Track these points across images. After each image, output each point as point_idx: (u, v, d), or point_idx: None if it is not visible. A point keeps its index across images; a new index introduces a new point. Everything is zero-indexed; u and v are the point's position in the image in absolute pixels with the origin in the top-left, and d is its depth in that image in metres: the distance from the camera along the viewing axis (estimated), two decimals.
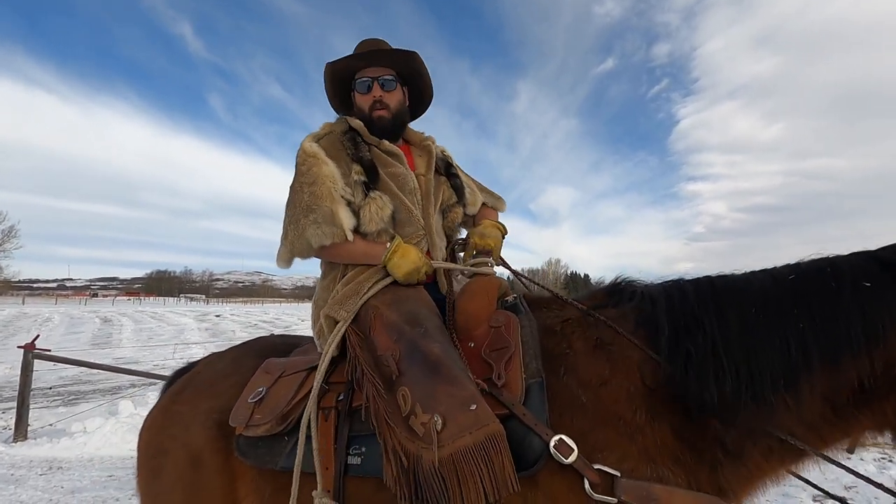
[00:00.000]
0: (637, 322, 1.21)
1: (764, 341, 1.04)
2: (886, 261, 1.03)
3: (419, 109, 1.86)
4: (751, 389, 1.02)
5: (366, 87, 1.64)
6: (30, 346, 6.04)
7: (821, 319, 1.01)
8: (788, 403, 1.01)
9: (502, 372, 1.17)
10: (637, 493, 0.99)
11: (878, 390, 0.99)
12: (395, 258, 1.43)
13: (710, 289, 1.17)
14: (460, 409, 1.03)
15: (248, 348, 1.69)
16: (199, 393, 1.50)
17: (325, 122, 1.68)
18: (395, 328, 1.29)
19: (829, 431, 1.04)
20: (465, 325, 1.35)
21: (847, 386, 1.00)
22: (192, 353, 13.07)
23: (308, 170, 1.48)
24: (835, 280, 1.04)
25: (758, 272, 1.17)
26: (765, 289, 1.10)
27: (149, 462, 1.46)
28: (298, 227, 1.44)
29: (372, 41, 1.68)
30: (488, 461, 0.96)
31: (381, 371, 1.23)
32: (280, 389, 1.37)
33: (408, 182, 1.59)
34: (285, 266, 1.51)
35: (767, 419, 1.02)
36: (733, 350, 1.05)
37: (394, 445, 1.09)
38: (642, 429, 1.07)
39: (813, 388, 1.01)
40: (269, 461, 1.30)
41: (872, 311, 0.98)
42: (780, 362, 1.01)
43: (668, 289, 1.25)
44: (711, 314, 1.10)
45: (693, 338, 1.09)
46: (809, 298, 1.04)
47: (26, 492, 4.07)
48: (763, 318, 1.06)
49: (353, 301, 1.41)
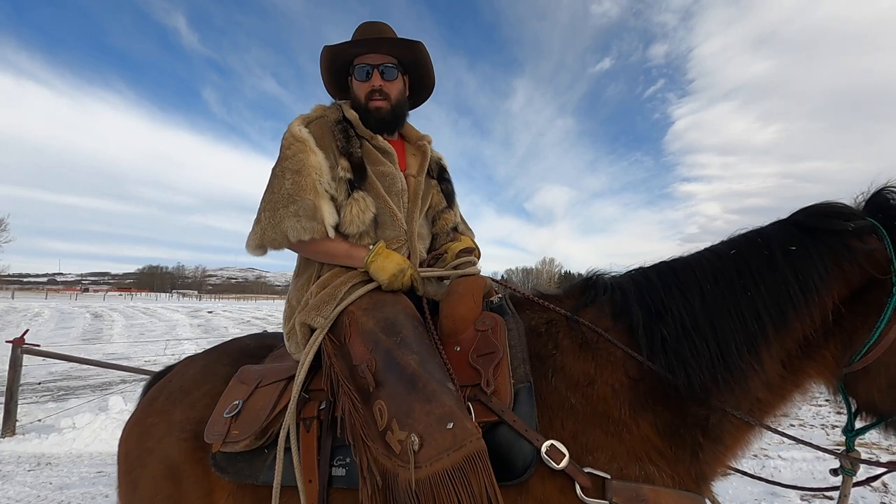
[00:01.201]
0: (613, 315, 1.24)
1: (723, 314, 1.12)
2: (801, 223, 1.15)
3: (418, 99, 1.78)
4: (723, 361, 1.09)
5: (364, 73, 1.56)
6: (19, 341, 5.98)
7: (764, 286, 1.11)
8: (755, 368, 1.09)
9: (491, 378, 1.15)
10: (627, 495, 1.01)
11: (818, 339, 1.10)
12: (378, 260, 1.38)
13: (671, 272, 1.24)
14: (438, 427, 1.01)
15: (221, 353, 1.62)
16: (173, 403, 1.45)
17: (318, 105, 1.59)
18: (371, 337, 1.24)
19: (786, 389, 1.14)
20: (452, 328, 1.30)
21: (795, 341, 1.10)
22: (184, 349, 13.01)
23: (294, 155, 1.41)
24: (766, 248, 1.14)
25: (703, 251, 1.25)
26: (713, 265, 1.18)
27: (127, 476, 1.43)
28: (276, 216, 1.37)
29: (374, 25, 1.61)
30: (466, 483, 0.95)
31: (356, 382, 1.19)
32: (258, 402, 1.32)
33: (396, 183, 1.53)
34: (257, 253, 1.44)
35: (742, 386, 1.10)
36: (701, 327, 1.12)
37: (369, 462, 1.07)
38: (628, 426, 1.10)
39: (770, 348, 1.09)
40: (250, 475, 1.25)
41: (803, 270, 1.09)
42: (741, 331, 1.10)
43: (634, 277, 1.30)
44: (676, 296, 1.17)
45: (664, 322, 1.16)
46: (751, 268, 1.13)
47: (14, 488, 4.03)
48: (718, 292, 1.14)
49: (330, 307, 1.35)
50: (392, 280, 1.37)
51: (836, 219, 1.11)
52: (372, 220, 1.44)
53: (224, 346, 1.69)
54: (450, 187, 1.72)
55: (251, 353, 1.58)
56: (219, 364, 1.54)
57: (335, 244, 1.42)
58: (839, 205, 1.16)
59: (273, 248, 1.43)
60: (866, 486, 3.63)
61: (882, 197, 1.12)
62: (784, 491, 3.58)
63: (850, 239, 1.08)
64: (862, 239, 1.08)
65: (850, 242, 1.08)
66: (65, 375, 9.54)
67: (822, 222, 1.12)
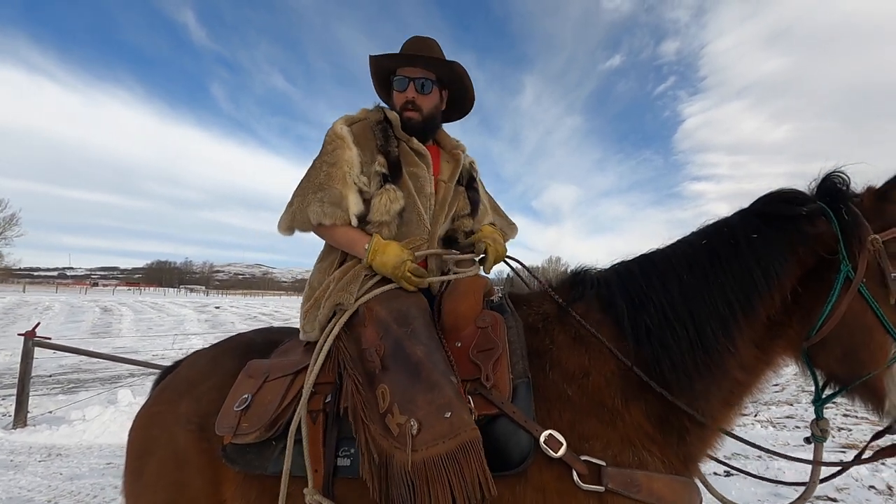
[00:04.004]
0: (601, 309, 1.31)
1: (698, 301, 1.20)
2: (760, 212, 1.23)
3: (456, 114, 1.86)
4: (701, 345, 1.17)
5: (402, 85, 1.66)
6: (30, 334, 6.08)
7: (731, 273, 1.19)
8: (731, 350, 1.16)
9: (490, 373, 1.21)
10: (621, 480, 1.08)
11: (782, 318, 1.18)
12: (377, 257, 1.44)
13: (650, 263, 1.31)
14: (436, 415, 1.07)
15: (227, 348, 1.67)
16: (180, 394, 1.51)
17: (363, 108, 1.70)
18: (383, 324, 1.31)
19: (759, 368, 1.21)
20: (454, 325, 1.37)
21: (762, 323, 1.18)
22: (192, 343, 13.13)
23: (332, 150, 1.53)
24: (732, 238, 1.22)
25: (678, 242, 1.33)
26: (687, 255, 1.26)
27: (133, 463, 1.47)
28: (305, 200, 1.49)
29: (421, 41, 1.70)
30: (459, 470, 1.01)
31: (363, 365, 1.26)
32: (266, 395, 1.37)
33: (426, 186, 1.60)
34: (286, 233, 1.55)
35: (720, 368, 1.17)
36: (680, 314, 1.20)
37: (367, 441, 1.13)
38: (621, 414, 1.17)
39: (741, 331, 1.17)
40: (259, 466, 1.30)
41: (764, 258, 1.16)
42: (715, 316, 1.18)
43: (618, 270, 1.37)
44: (657, 287, 1.25)
45: (647, 311, 1.23)
46: (720, 257, 1.21)
47: (25, 478, 4.11)
48: (693, 281, 1.22)
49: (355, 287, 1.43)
50: (395, 272, 1.42)
51: (790, 204, 1.20)
52: (398, 213, 1.52)
53: (230, 341, 1.73)
54: (476, 196, 1.77)
55: (257, 349, 1.61)
56: (225, 358, 1.58)
57: (348, 231, 1.50)
58: (792, 191, 1.24)
59: (300, 230, 1.54)
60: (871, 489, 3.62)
61: (830, 181, 1.21)
62: (788, 492, 3.58)
63: (802, 223, 1.16)
64: (813, 222, 1.15)
65: (803, 227, 1.16)
66: (75, 368, 9.67)
67: (778, 208, 1.20)
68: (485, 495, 1.02)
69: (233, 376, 1.47)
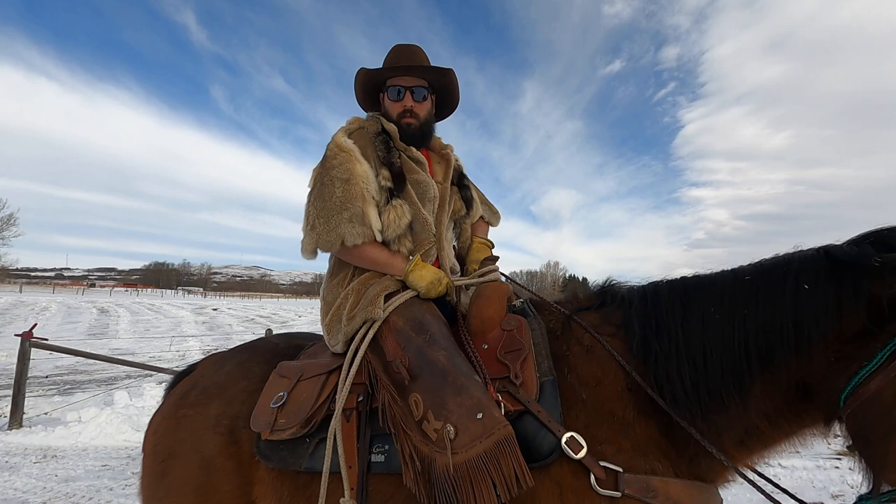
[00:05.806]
0: (617, 325, 1.31)
1: (717, 340, 1.12)
2: (834, 255, 1.04)
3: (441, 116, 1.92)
4: (706, 385, 1.11)
5: (397, 93, 1.68)
6: (27, 335, 6.06)
7: (762, 322, 1.07)
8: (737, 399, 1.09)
9: (518, 372, 1.25)
10: (638, 487, 1.08)
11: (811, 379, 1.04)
12: (416, 270, 1.49)
13: (682, 289, 1.24)
14: (469, 417, 1.11)
15: (254, 352, 1.69)
16: (209, 397, 1.51)
17: (355, 117, 1.71)
18: (403, 335, 1.36)
19: (788, 424, 1.11)
20: (480, 328, 1.41)
21: (784, 378, 1.06)
22: (189, 346, 13.09)
23: (341, 164, 1.50)
24: (782, 282, 1.07)
25: (727, 271, 1.22)
26: (724, 288, 1.16)
27: (156, 465, 1.46)
28: (331, 222, 1.46)
29: (408, 49, 1.73)
30: (499, 465, 1.05)
31: (392, 377, 1.30)
32: (301, 393, 1.40)
33: (429, 190, 1.64)
34: (310, 257, 1.53)
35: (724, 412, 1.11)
36: (692, 348, 1.14)
37: (410, 449, 1.18)
38: (632, 425, 1.17)
39: (754, 382, 1.08)
40: (293, 463, 1.33)
41: (804, 316, 1.02)
42: (728, 360, 1.10)
43: (646, 290, 1.33)
44: (677, 314, 1.19)
45: (660, 338, 1.19)
46: (757, 300, 1.09)
47: (20, 479, 4.09)
48: (718, 317, 1.13)
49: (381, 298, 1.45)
50: (430, 288, 1.48)
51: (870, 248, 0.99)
52: (407, 226, 1.55)
53: (254, 345, 1.76)
54: (468, 193, 1.82)
55: (282, 353, 1.65)
56: (253, 363, 1.61)
57: (378, 251, 1.52)
58: (888, 230, 1.01)
59: (325, 251, 1.52)
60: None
61: None
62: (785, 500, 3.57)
63: (864, 278, 0.96)
64: (883, 278, 0.94)
65: (862, 282, 0.96)
66: (71, 370, 9.64)
67: (853, 254, 1.00)
68: (522, 487, 1.05)
69: (262, 380, 1.51)
